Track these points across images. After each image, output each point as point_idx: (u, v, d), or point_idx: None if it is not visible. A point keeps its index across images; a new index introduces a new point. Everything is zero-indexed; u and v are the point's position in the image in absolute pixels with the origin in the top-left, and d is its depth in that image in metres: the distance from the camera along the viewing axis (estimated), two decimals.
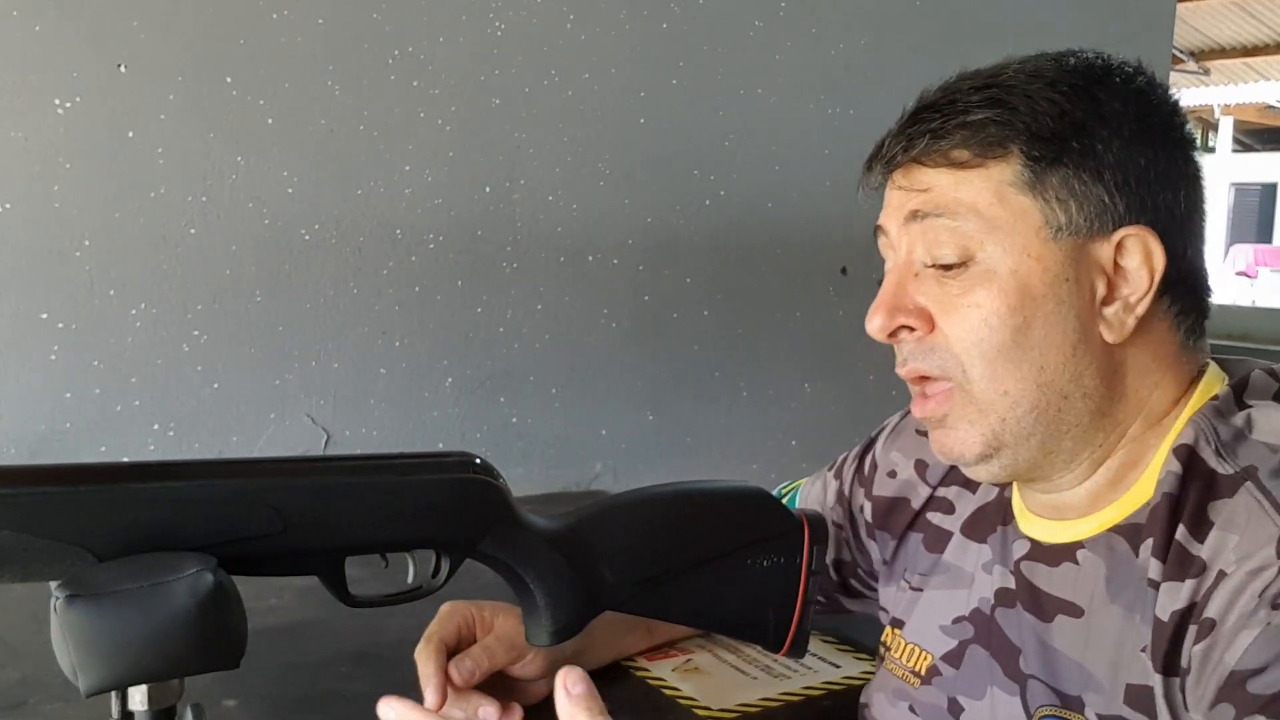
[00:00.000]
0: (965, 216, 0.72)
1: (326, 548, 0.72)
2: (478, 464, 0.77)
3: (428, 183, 1.74)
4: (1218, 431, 0.70)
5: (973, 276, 0.73)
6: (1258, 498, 0.66)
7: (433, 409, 1.79)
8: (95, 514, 0.64)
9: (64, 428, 1.55)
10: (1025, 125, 0.72)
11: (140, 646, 0.62)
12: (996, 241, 0.72)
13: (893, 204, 0.78)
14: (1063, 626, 0.75)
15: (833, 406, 2.14)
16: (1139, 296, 0.73)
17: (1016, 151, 0.72)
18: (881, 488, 0.97)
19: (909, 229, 0.76)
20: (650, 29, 1.91)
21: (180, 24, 1.56)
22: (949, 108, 0.74)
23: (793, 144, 2.04)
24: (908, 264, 0.76)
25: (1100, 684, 0.72)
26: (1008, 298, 0.72)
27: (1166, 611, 0.67)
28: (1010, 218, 0.72)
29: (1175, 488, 0.69)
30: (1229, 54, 11.99)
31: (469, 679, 0.87)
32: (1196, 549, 0.67)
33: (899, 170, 0.77)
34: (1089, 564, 0.75)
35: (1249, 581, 0.63)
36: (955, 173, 0.73)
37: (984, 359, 0.72)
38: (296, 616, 1.18)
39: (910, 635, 0.89)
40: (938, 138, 0.73)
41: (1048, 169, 0.72)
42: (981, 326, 0.72)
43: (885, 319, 0.76)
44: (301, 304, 1.68)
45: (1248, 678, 0.60)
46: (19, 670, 1.03)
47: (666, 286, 1.97)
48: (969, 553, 0.86)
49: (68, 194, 1.52)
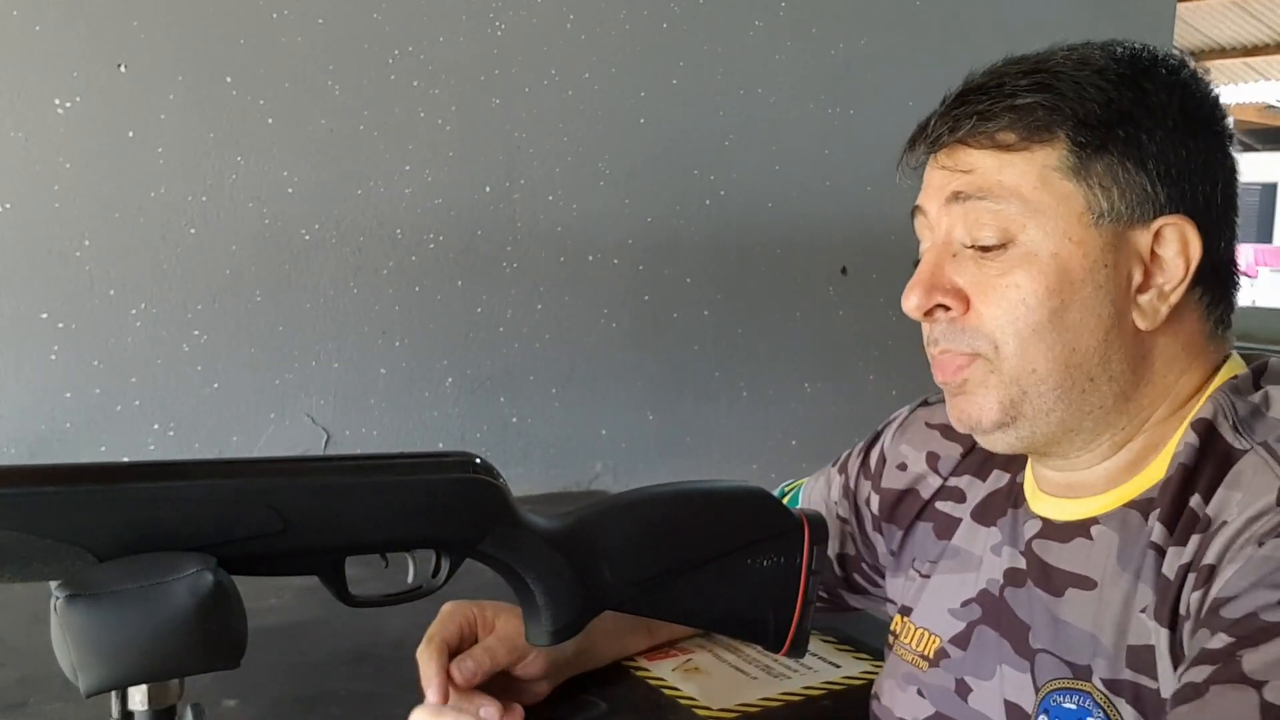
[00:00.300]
0: (1008, 199, 0.73)
1: (327, 548, 0.72)
2: (478, 464, 0.77)
3: (428, 182, 1.74)
4: (1236, 407, 0.72)
5: (1012, 258, 0.73)
6: (1265, 458, 0.68)
7: (433, 409, 1.79)
8: (95, 514, 0.64)
9: (64, 427, 1.55)
10: (1073, 111, 0.73)
11: (140, 646, 0.62)
12: (1038, 225, 0.73)
13: (934, 184, 0.78)
14: (1073, 599, 0.76)
15: (832, 406, 2.14)
16: (1174, 285, 0.74)
17: (1063, 136, 0.73)
18: (891, 480, 0.97)
19: (950, 210, 0.76)
20: (650, 29, 1.91)
21: (180, 24, 1.56)
22: (996, 90, 0.74)
23: (793, 144, 2.04)
24: (946, 244, 0.77)
25: (1106, 649, 0.73)
26: (1047, 279, 0.73)
27: (1173, 570, 0.69)
28: (1053, 202, 0.73)
29: (1192, 459, 0.71)
30: (1229, 54, 11.99)
31: (470, 679, 0.87)
32: (1204, 510, 0.69)
33: (943, 151, 0.77)
34: (1102, 538, 0.76)
35: (1246, 528, 0.64)
36: (1000, 155, 0.74)
37: (1018, 337, 0.73)
38: (296, 616, 1.18)
39: (919, 620, 0.90)
40: (985, 119, 0.74)
41: (1093, 155, 0.73)
42: (1019, 305, 0.73)
43: (923, 297, 0.76)
44: (301, 304, 1.68)
45: (1224, 604, 0.62)
46: (19, 670, 1.03)
47: (666, 286, 1.97)
48: (978, 536, 0.87)
49: (68, 194, 1.52)
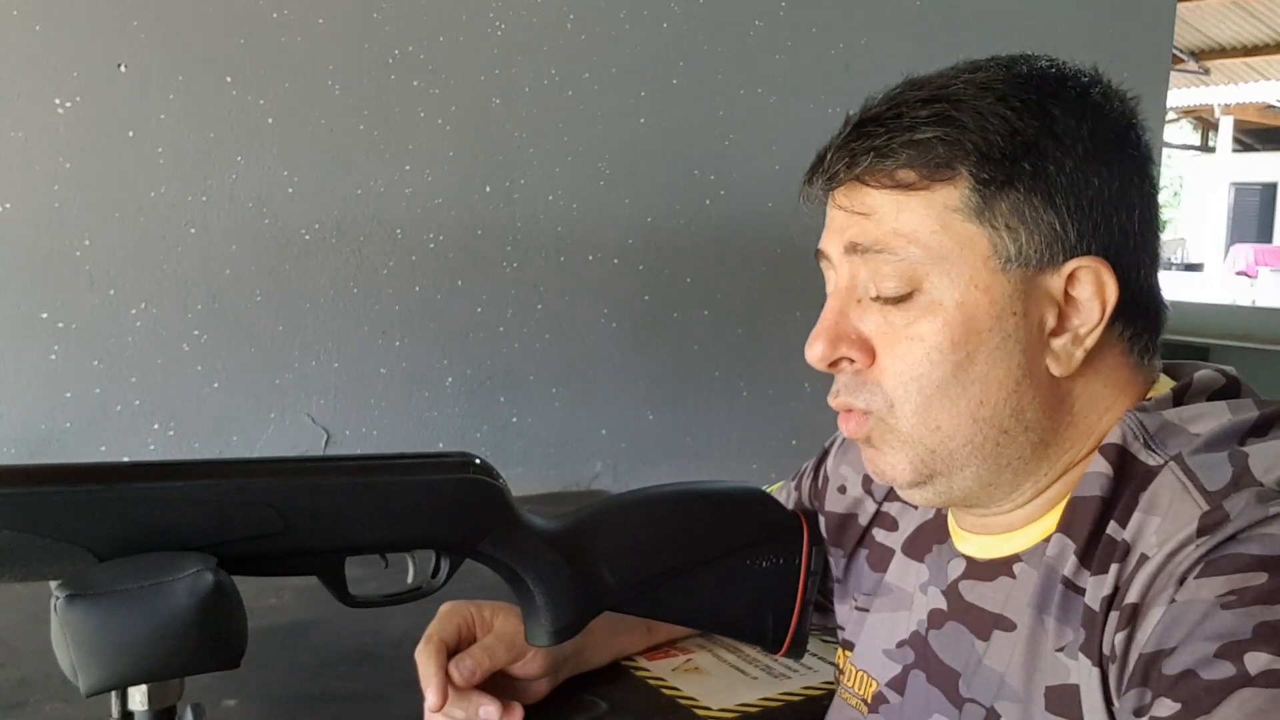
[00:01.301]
0: (907, 249, 0.68)
1: (326, 548, 0.73)
2: (477, 464, 0.77)
3: (428, 182, 1.75)
4: (1144, 425, 0.68)
5: (918, 308, 0.69)
6: (1180, 478, 0.63)
7: (433, 408, 1.79)
8: (95, 514, 0.64)
9: (64, 427, 1.55)
10: (974, 145, 0.67)
11: (140, 646, 0.62)
12: (942, 272, 0.68)
13: (834, 225, 0.73)
14: (996, 642, 0.72)
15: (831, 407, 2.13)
16: (1089, 328, 0.69)
17: (965, 174, 0.67)
18: (833, 503, 0.94)
19: (850, 259, 0.72)
20: (650, 29, 1.91)
21: (180, 24, 1.56)
22: (894, 122, 0.69)
23: (793, 143, 2.04)
24: (850, 289, 0.72)
25: (1014, 691, 0.69)
26: (952, 331, 0.68)
27: (1097, 601, 0.65)
28: (956, 247, 0.68)
29: (1107, 489, 0.67)
30: (1229, 54, 11.99)
31: (469, 679, 0.87)
32: (1121, 535, 0.65)
33: (840, 189, 0.72)
34: (1024, 575, 0.72)
35: (1166, 563, 0.61)
36: (898, 196, 0.69)
37: (920, 394, 0.69)
38: (296, 616, 1.18)
39: (858, 661, 0.86)
40: (882, 156, 0.69)
41: (997, 193, 0.67)
42: (923, 361, 0.69)
43: (827, 348, 0.72)
44: (301, 303, 1.68)
45: (1159, 659, 0.58)
46: (19, 670, 1.03)
47: (666, 286, 1.97)
48: (909, 572, 0.83)
49: (68, 194, 1.52)
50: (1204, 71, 13.49)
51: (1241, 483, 0.62)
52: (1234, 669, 0.54)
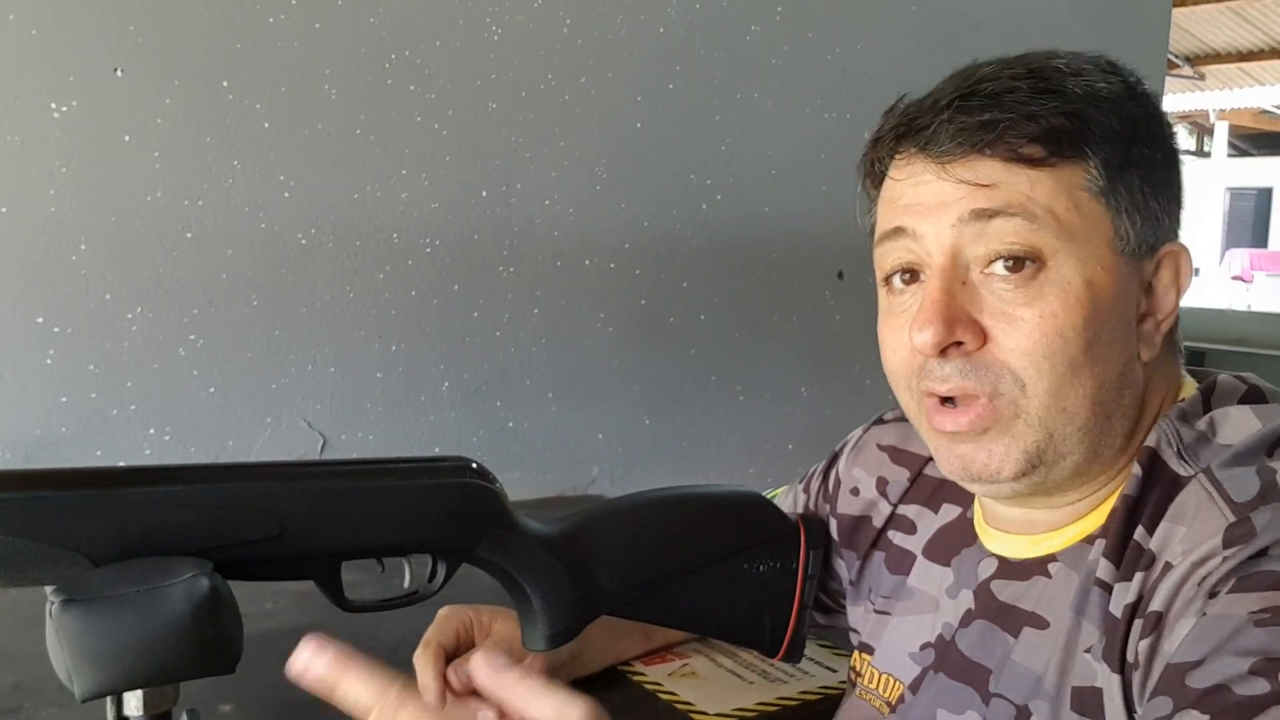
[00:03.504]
0: (1043, 219, 0.66)
1: (323, 552, 0.72)
2: (474, 468, 0.77)
3: (424, 187, 1.74)
4: (1180, 434, 0.68)
5: (1043, 285, 0.67)
6: (1208, 489, 0.64)
7: (429, 413, 1.79)
8: (91, 518, 0.64)
9: (60, 432, 1.54)
10: (1098, 126, 0.67)
11: (136, 651, 0.62)
12: (1071, 250, 0.67)
13: (931, 199, 0.69)
14: (1027, 640, 0.73)
15: (829, 410, 2.14)
16: (1166, 315, 0.71)
17: (1091, 154, 0.67)
18: (845, 505, 0.94)
19: (963, 228, 0.68)
20: (647, 33, 1.91)
21: (177, 28, 1.56)
22: (1009, 98, 0.67)
23: (789, 148, 2.05)
24: (953, 269, 0.69)
25: (1048, 691, 0.70)
26: (1084, 310, 0.67)
27: (1119, 608, 0.65)
28: (1086, 226, 0.67)
29: (1135, 489, 0.67)
30: (1224, 59, 12.02)
31: (467, 684, 0.86)
32: (1148, 544, 0.65)
33: (957, 162, 0.68)
34: (1061, 575, 0.72)
35: (1192, 572, 0.61)
36: (1028, 170, 0.67)
37: (1053, 373, 0.67)
38: (292, 621, 1.18)
39: (881, 664, 0.86)
40: (1009, 129, 0.67)
41: (1117, 175, 0.68)
42: (1056, 338, 0.66)
43: (943, 330, 0.67)
44: (298, 308, 1.67)
45: (1187, 670, 0.58)
46: (14, 675, 1.02)
47: (663, 290, 1.97)
48: (933, 576, 0.84)
49: (64, 198, 1.52)
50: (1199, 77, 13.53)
51: (1269, 497, 0.62)
52: (1268, 686, 0.54)
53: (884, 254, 0.74)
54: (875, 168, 0.76)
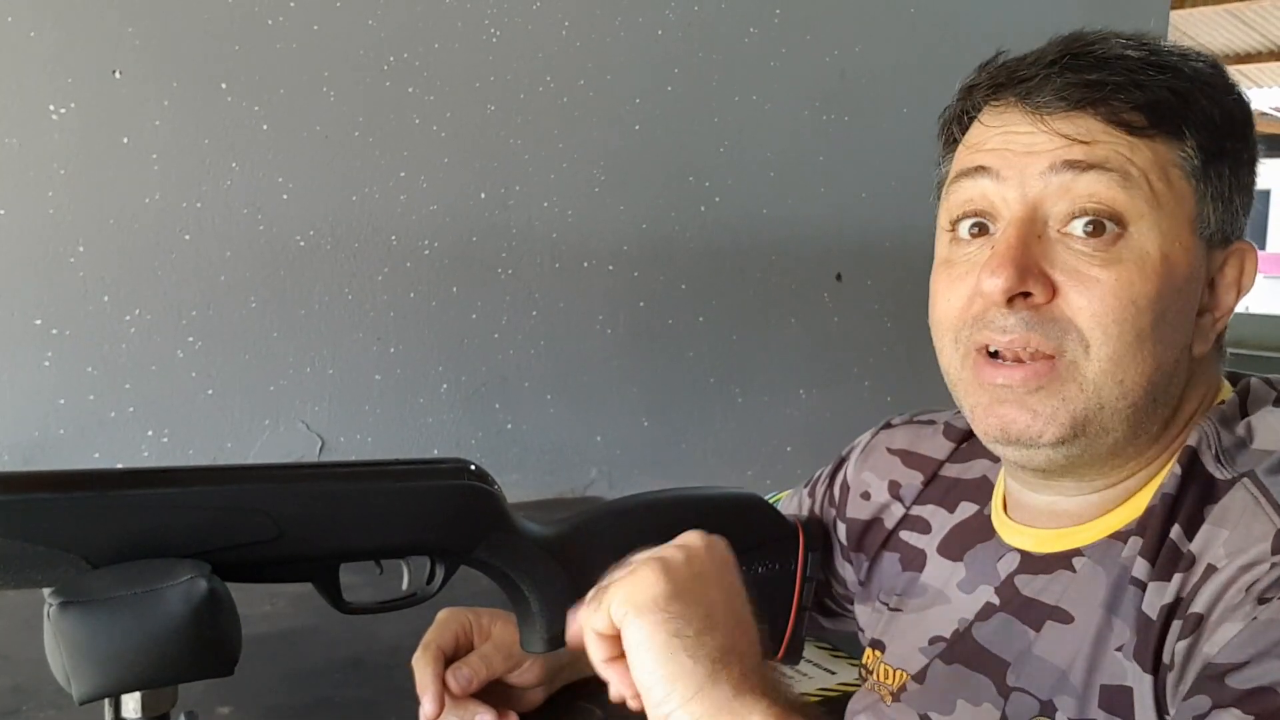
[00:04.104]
0: (1137, 183, 0.66)
1: (321, 554, 0.72)
2: (472, 470, 0.77)
3: (423, 189, 1.74)
4: (1220, 437, 0.68)
5: (1123, 250, 0.66)
6: (1254, 494, 0.63)
7: (428, 415, 1.79)
8: (89, 520, 0.64)
9: (58, 434, 1.54)
10: (1203, 111, 0.69)
11: (134, 653, 0.62)
12: (1154, 221, 0.67)
13: (1020, 146, 0.69)
14: (1049, 634, 0.72)
15: (827, 413, 2.14)
16: (1223, 311, 0.71)
17: (1190, 135, 0.68)
18: (855, 510, 0.94)
19: (1050, 179, 0.67)
20: (645, 35, 1.91)
21: (175, 30, 1.56)
22: (1117, 63, 0.68)
23: (787, 150, 2.05)
24: (1031, 220, 0.68)
25: (1074, 687, 0.69)
26: (1159, 281, 0.66)
27: (1155, 609, 0.65)
28: (1173, 200, 0.67)
29: (1174, 488, 0.67)
30: (1223, 61, 12.05)
31: (466, 687, 0.86)
32: (1186, 545, 0.65)
33: (1057, 115, 0.68)
34: (1087, 570, 0.72)
35: (1239, 576, 0.60)
36: (1127, 136, 0.67)
37: (1120, 339, 0.66)
38: (291, 623, 1.17)
39: (892, 659, 0.86)
40: (1114, 91, 0.67)
41: (1210, 161, 0.68)
42: (1129, 305, 0.66)
43: (1015, 277, 0.66)
44: (296, 310, 1.67)
45: (1227, 671, 0.57)
46: (12, 678, 1.02)
47: (661, 292, 1.97)
48: (944, 572, 0.84)
49: (62, 200, 1.52)
50: None
51: None
52: None
53: (957, 191, 0.73)
54: (964, 116, 0.75)
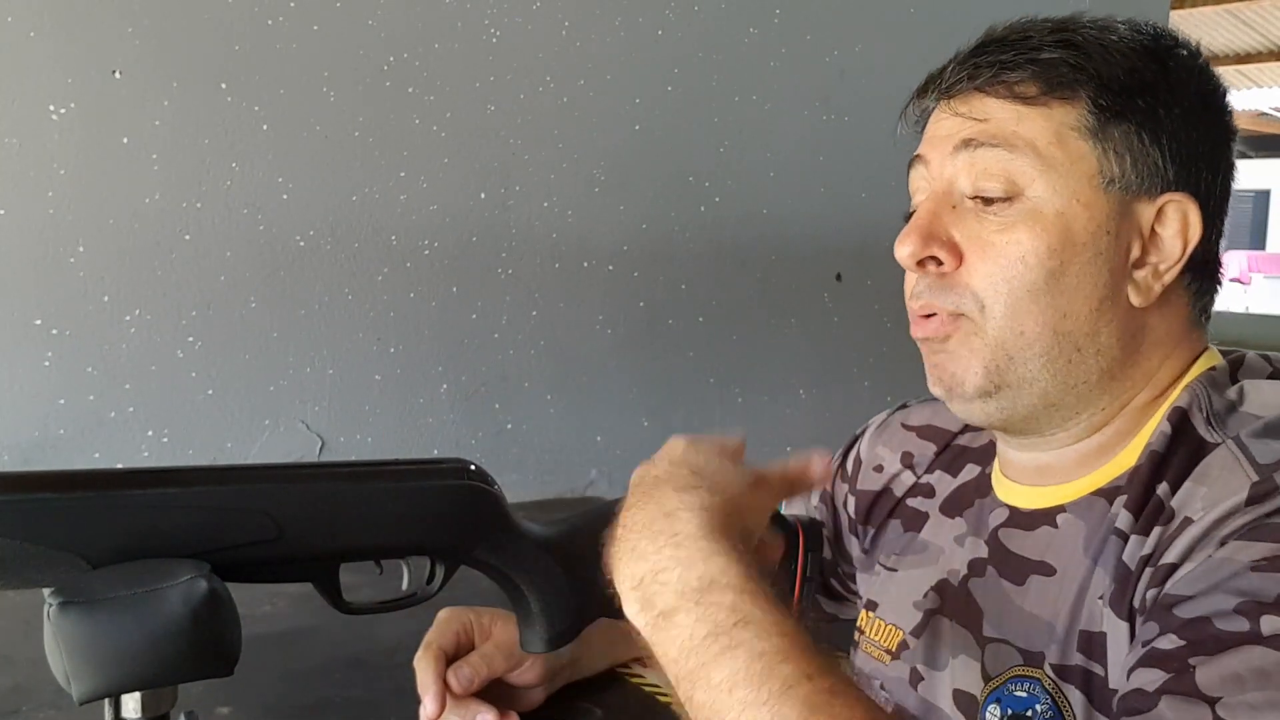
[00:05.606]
0: (1022, 151, 0.72)
1: (321, 554, 0.72)
2: (472, 470, 0.77)
3: (423, 189, 1.74)
4: (1211, 400, 0.71)
5: (1016, 213, 0.72)
6: (1235, 453, 0.66)
7: (427, 415, 1.79)
8: (89, 520, 0.63)
9: (57, 434, 1.54)
10: (1097, 72, 0.72)
11: (134, 653, 0.62)
12: (1048, 181, 0.71)
13: (941, 132, 0.76)
14: (1033, 587, 0.75)
15: (827, 412, 2.14)
16: (1169, 265, 0.73)
17: (1084, 96, 0.72)
18: (867, 482, 0.96)
19: (956, 158, 0.74)
20: (645, 36, 1.91)
21: (175, 30, 1.56)
22: (1020, 43, 0.73)
23: (787, 150, 2.05)
24: (946, 194, 0.75)
25: (1059, 635, 0.72)
26: (1049, 238, 0.71)
27: (1134, 559, 0.67)
28: (1067, 160, 0.71)
29: (1163, 445, 0.69)
30: (1222, 61, 12.04)
31: (467, 687, 0.87)
32: (1169, 502, 0.67)
33: (957, 98, 0.75)
34: (1067, 525, 0.75)
35: (1213, 529, 0.62)
36: (1019, 107, 0.73)
37: (1010, 296, 0.72)
38: (291, 623, 1.17)
39: (886, 615, 0.88)
40: (1007, 69, 0.73)
41: (1111, 120, 0.72)
42: (1018, 263, 0.71)
43: (918, 245, 0.73)
44: (296, 310, 1.67)
45: (1176, 602, 0.60)
46: (12, 678, 1.02)
47: (661, 293, 1.97)
48: (943, 528, 0.86)
49: (62, 200, 1.52)
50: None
51: None
52: (1248, 625, 0.56)
53: (909, 183, 0.80)
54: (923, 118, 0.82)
